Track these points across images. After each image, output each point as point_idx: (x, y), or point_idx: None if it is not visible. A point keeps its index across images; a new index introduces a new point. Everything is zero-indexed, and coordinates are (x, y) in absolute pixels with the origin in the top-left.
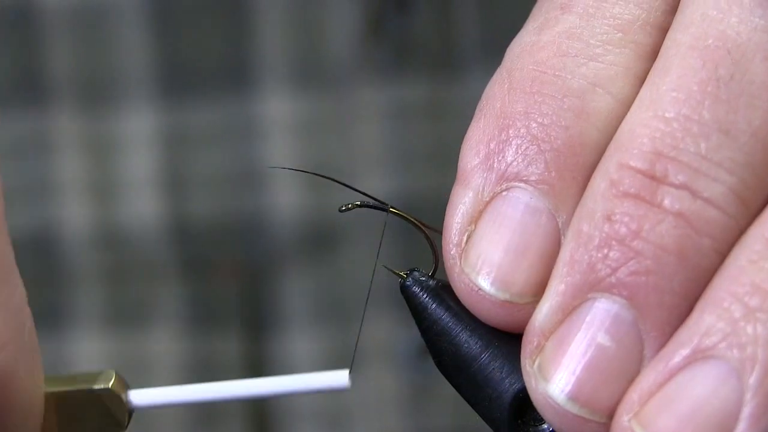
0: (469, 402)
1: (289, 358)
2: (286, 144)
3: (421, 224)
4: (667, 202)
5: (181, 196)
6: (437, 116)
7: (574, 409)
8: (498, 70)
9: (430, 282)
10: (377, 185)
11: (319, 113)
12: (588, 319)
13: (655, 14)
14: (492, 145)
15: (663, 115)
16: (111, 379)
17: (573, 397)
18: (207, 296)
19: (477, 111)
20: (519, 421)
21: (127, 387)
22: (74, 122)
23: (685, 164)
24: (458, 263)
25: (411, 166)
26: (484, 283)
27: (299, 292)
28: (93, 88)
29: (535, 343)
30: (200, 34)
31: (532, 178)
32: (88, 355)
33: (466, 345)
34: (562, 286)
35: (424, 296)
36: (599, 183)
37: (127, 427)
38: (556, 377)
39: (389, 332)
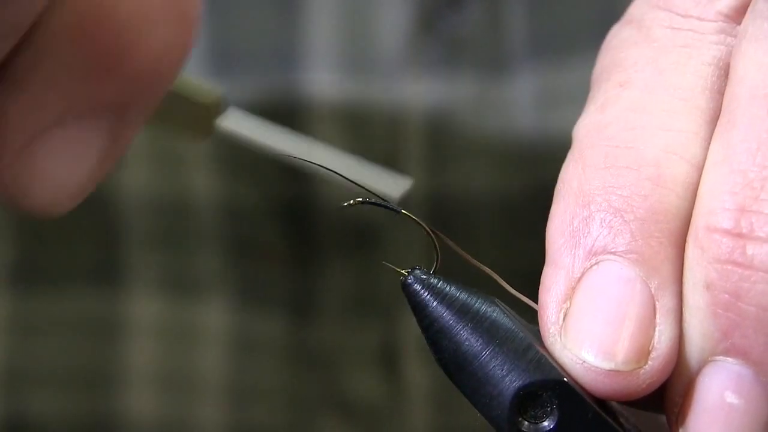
0: (469, 400)
1: (334, 346)
2: (331, 132)
3: (420, 222)
4: (757, 261)
5: (231, 175)
6: (483, 114)
7: None
8: (569, 153)
9: (432, 280)
10: (420, 180)
11: (365, 105)
12: (714, 383)
13: (711, 79)
14: (576, 223)
15: (738, 168)
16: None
17: None
18: (254, 275)
19: (555, 195)
20: (519, 419)
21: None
22: None
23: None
24: (559, 340)
25: (454, 163)
26: (588, 355)
27: (341, 282)
28: None
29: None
30: (249, 17)
31: (620, 248)
32: (144, 313)
33: (466, 343)
34: (685, 354)
35: (425, 294)
36: (692, 250)
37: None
38: None
39: None
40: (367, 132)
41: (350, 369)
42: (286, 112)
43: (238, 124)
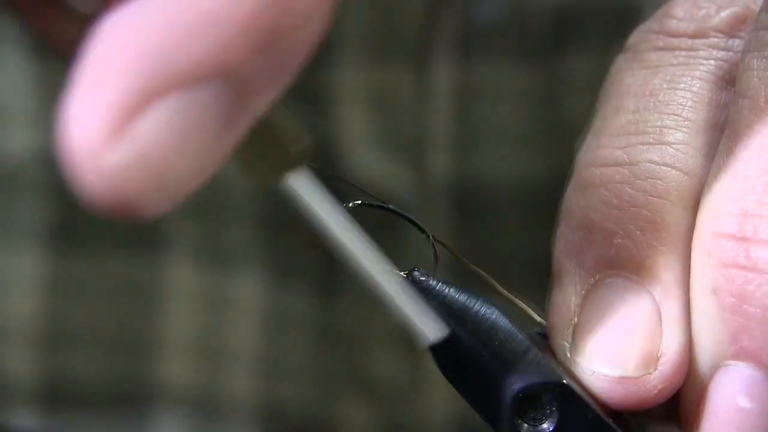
0: (468, 402)
1: (358, 325)
2: (356, 117)
3: (421, 225)
4: (761, 263)
5: None
6: (502, 100)
7: None
8: (573, 175)
9: (430, 282)
10: (440, 164)
11: (390, 89)
12: (726, 388)
13: (703, 92)
14: (577, 242)
15: (741, 174)
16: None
17: None
18: (284, 251)
19: (559, 216)
20: (519, 421)
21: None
22: None
23: None
24: (568, 354)
25: (480, 146)
26: (599, 366)
27: None
28: None
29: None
30: None
31: (622, 261)
32: (181, 280)
33: (465, 345)
34: (697, 360)
35: (424, 296)
36: (698, 256)
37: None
38: None
39: None
40: (393, 115)
41: (373, 348)
42: (313, 96)
43: (303, 185)
